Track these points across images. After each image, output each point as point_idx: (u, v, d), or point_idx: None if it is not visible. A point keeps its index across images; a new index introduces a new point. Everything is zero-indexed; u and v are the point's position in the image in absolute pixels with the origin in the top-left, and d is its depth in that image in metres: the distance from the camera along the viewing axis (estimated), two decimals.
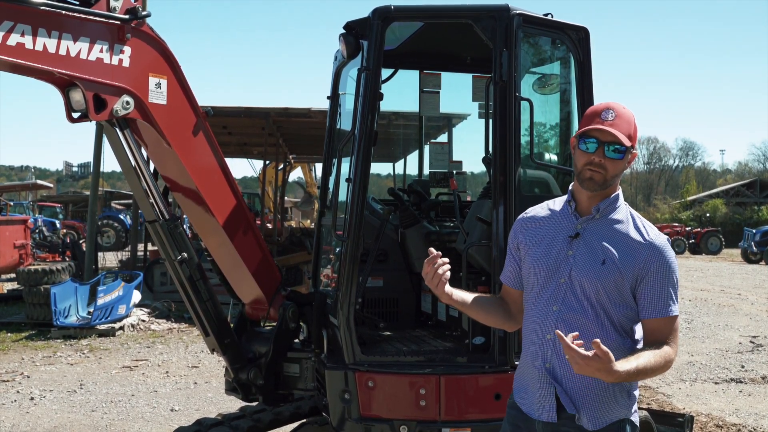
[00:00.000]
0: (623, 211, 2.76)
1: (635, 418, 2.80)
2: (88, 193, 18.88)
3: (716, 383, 9.23)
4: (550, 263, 2.76)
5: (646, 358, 2.53)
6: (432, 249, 2.82)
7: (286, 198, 29.30)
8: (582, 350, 2.37)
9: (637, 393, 2.82)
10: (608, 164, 2.67)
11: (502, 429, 2.98)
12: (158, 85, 4.00)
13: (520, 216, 3.04)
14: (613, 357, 2.36)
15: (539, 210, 2.96)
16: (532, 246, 2.86)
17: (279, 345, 4.67)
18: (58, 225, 31.40)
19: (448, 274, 2.79)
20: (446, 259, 2.79)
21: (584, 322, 2.66)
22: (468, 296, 2.95)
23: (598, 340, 2.36)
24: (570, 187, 2.86)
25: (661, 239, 2.70)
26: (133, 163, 4.10)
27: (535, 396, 2.79)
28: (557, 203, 2.92)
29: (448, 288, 2.82)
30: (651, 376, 2.67)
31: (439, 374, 4.13)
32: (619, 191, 2.79)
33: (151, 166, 4.28)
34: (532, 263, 2.84)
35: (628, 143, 2.65)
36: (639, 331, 2.76)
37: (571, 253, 2.74)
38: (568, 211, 2.81)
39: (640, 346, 2.72)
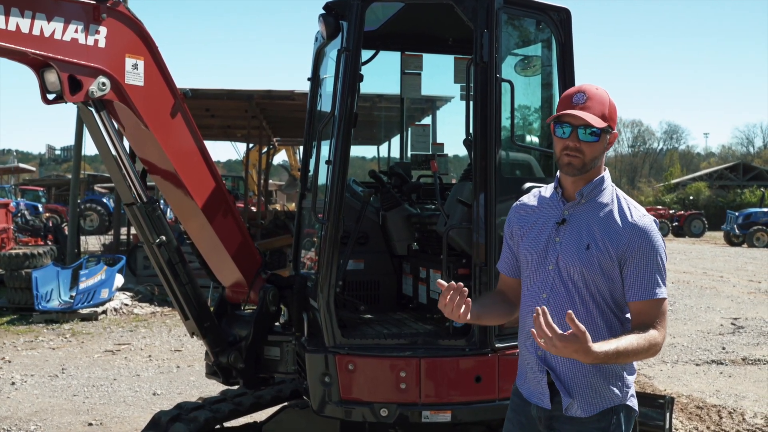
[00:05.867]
0: (609, 194, 2.73)
1: (632, 403, 2.76)
2: (70, 176, 18.67)
3: (697, 365, 9.32)
4: (540, 250, 2.76)
5: (627, 340, 2.48)
6: (441, 282, 2.66)
7: (270, 181, 29.18)
8: (558, 330, 2.33)
9: (632, 378, 2.77)
10: (585, 147, 2.64)
11: (507, 415, 2.98)
12: (135, 66, 3.93)
13: (514, 204, 3.03)
14: (589, 337, 2.33)
15: (531, 197, 2.96)
16: (524, 233, 2.86)
17: (259, 328, 4.64)
18: (40, 209, 31.07)
19: (469, 301, 2.65)
20: (461, 285, 2.63)
21: (571, 308, 2.55)
22: (478, 308, 2.78)
23: (570, 312, 2.32)
24: (557, 173, 2.83)
25: (645, 220, 2.64)
26: (110, 145, 4.04)
27: (531, 381, 2.81)
28: (548, 190, 2.90)
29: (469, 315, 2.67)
30: (634, 360, 2.62)
31: (420, 357, 4.13)
32: (605, 173, 2.76)
33: (129, 148, 4.23)
34: (523, 251, 2.84)
35: (601, 124, 2.62)
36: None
37: (558, 240, 2.74)
38: (557, 198, 2.81)
39: None
